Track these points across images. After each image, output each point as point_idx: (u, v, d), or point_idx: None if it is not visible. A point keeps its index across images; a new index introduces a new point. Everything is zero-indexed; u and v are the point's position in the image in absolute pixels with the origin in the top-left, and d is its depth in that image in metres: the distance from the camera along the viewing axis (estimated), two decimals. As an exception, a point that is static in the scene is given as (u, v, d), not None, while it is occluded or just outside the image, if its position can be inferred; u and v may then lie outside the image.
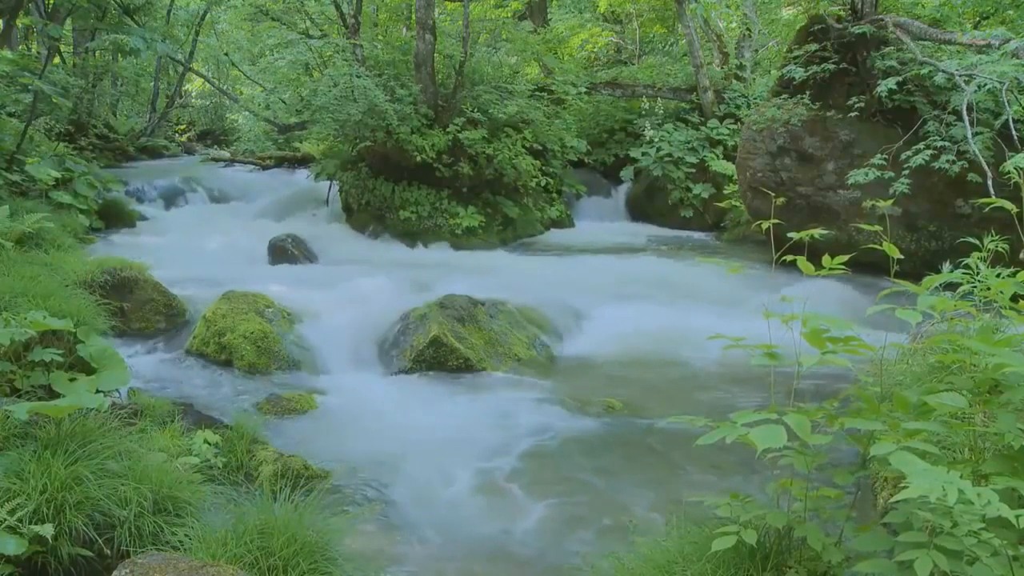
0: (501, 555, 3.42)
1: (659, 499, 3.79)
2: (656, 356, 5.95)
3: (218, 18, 17.54)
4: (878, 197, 3.72)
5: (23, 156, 8.33)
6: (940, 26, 8.77)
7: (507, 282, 7.55)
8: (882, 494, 3.33)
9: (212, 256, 8.94)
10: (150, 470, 2.99)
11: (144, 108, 18.50)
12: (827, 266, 2.59)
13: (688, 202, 12.07)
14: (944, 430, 2.32)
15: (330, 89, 10.10)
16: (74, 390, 3.67)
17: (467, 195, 10.69)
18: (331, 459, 4.13)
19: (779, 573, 2.33)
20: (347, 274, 7.83)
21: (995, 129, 7.53)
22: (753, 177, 9.11)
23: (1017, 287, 2.60)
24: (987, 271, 3.21)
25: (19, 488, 2.72)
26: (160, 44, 9.27)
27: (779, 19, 13.62)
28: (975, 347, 2.25)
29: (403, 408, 5.06)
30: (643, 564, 2.55)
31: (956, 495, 1.73)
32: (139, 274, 6.09)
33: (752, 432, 2.15)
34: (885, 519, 2.30)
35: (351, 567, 2.79)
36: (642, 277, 8.23)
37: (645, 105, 13.57)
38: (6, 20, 8.83)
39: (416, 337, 5.77)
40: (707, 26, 14.20)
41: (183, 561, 2.47)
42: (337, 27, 12.20)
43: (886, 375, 2.73)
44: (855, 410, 2.40)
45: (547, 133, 11.60)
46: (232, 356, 5.58)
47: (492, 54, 12.04)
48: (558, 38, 15.84)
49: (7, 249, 5.46)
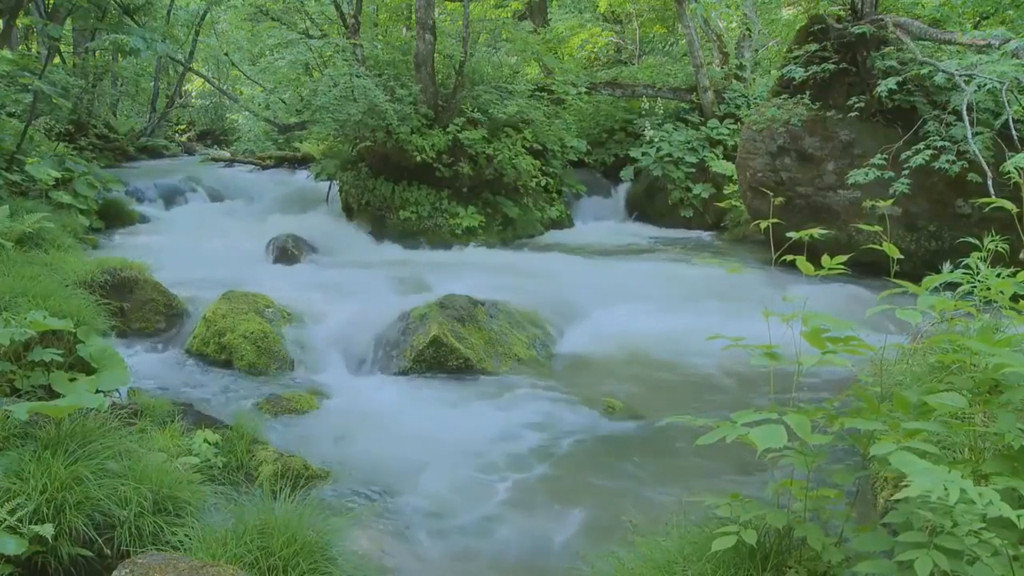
0: (500, 554, 3.42)
1: (659, 499, 3.79)
2: (656, 356, 5.95)
3: (218, 18, 17.56)
4: (878, 197, 3.72)
5: (23, 156, 8.33)
6: (940, 26, 8.77)
7: (507, 282, 7.55)
8: (882, 494, 3.32)
9: (212, 256, 8.93)
10: (150, 470, 2.99)
11: (144, 108, 18.51)
12: (827, 266, 2.59)
13: (688, 202, 12.07)
14: (944, 430, 2.32)
15: (330, 89, 10.10)
16: (74, 390, 3.66)
17: (467, 195, 10.69)
18: (331, 459, 4.13)
19: (779, 573, 2.33)
20: (347, 274, 7.84)
21: (995, 129, 7.54)
22: (753, 177, 9.11)
23: (1017, 287, 2.60)
24: (987, 271, 3.21)
25: (19, 488, 2.71)
26: (160, 44, 9.27)
27: (779, 19, 13.63)
28: (975, 347, 2.25)
29: (403, 408, 5.06)
30: (643, 564, 2.55)
31: (957, 494, 1.73)
32: (139, 274, 6.09)
33: (752, 432, 2.15)
34: (885, 519, 2.30)
35: (351, 567, 2.79)
36: (642, 277, 8.24)
37: (645, 105, 13.57)
38: (6, 20, 8.83)
39: (416, 337, 5.77)
40: (707, 26, 14.20)
41: (183, 561, 2.47)
42: (337, 27, 12.20)
43: (886, 375, 2.73)
44: (855, 410, 2.40)
45: (547, 133, 11.60)
46: (232, 356, 5.58)
47: (492, 54, 12.04)
48: (558, 38, 15.84)
49: (7, 249, 5.46)
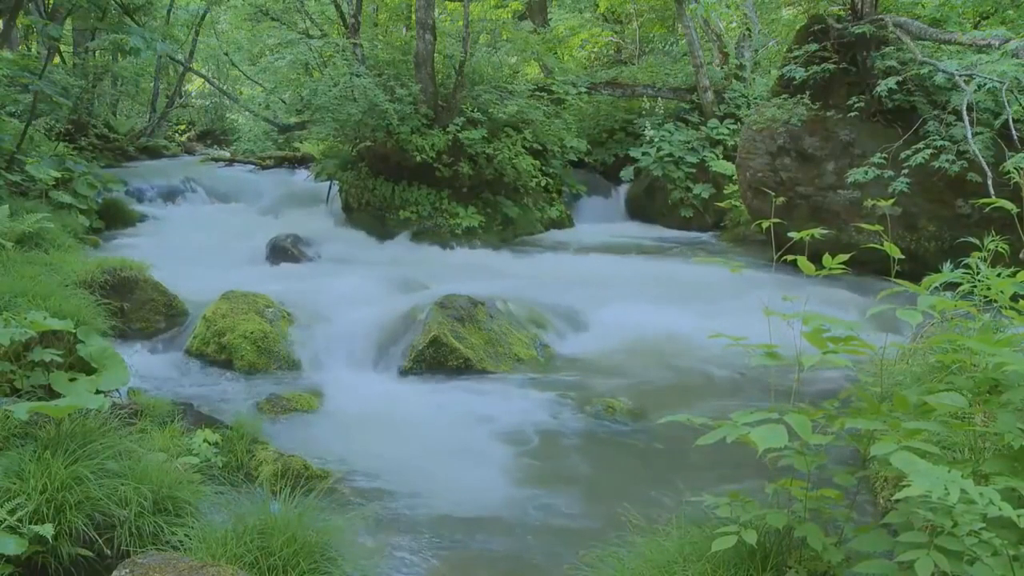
0: (501, 555, 3.42)
1: (659, 499, 3.79)
2: (656, 356, 5.95)
3: (218, 18, 17.56)
4: (878, 197, 3.72)
5: (23, 156, 8.33)
6: (940, 26, 8.77)
7: (507, 282, 7.55)
8: (882, 494, 3.33)
9: (212, 256, 8.93)
10: (150, 470, 2.99)
11: (144, 108, 18.50)
12: (827, 266, 2.59)
13: (688, 202, 12.06)
14: (944, 430, 2.32)
15: (330, 89, 10.11)
16: (74, 390, 3.67)
17: (467, 195, 10.68)
18: (331, 459, 4.13)
19: (779, 573, 2.33)
20: (347, 274, 7.84)
21: (995, 129, 7.53)
22: (753, 177, 9.10)
23: (1017, 287, 2.60)
24: (987, 271, 3.20)
25: (19, 488, 2.71)
26: (160, 44, 9.25)
27: (779, 19, 13.64)
28: (975, 347, 2.25)
29: (403, 408, 5.06)
30: (643, 564, 2.55)
31: (958, 494, 1.73)
32: (139, 274, 6.09)
33: (752, 432, 2.15)
34: (885, 519, 2.30)
35: (351, 567, 2.79)
36: (642, 277, 8.23)
37: (645, 105, 13.57)
38: (6, 20, 8.83)
39: (416, 337, 5.77)
40: (707, 26, 14.20)
41: (183, 561, 2.47)
42: (337, 27, 12.21)
43: (886, 375, 2.73)
44: (855, 410, 2.40)
45: (547, 133, 11.60)
46: (232, 356, 5.58)
47: (492, 54, 12.03)
48: (558, 38, 15.85)
49: (7, 249, 5.46)
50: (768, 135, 8.96)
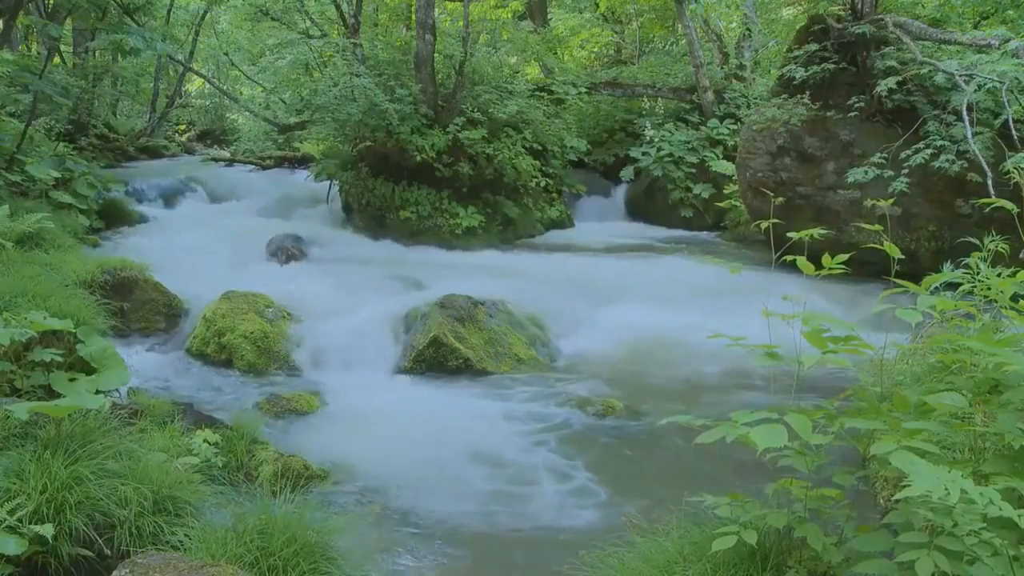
0: (501, 554, 3.42)
1: (659, 499, 3.79)
2: (656, 356, 5.95)
3: (218, 18, 17.56)
4: (878, 197, 3.71)
5: (23, 156, 8.33)
6: (940, 26, 8.77)
7: (507, 282, 7.54)
8: (882, 494, 3.33)
9: (212, 256, 8.92)
10: (150, 470, 2.99)
11: (144, 108, 18.50)
12: (827, 266, 2.58)
13: (688, 202, 12.06)
14: (944, 430, 2.32)
15: (330, 89, 10.11)
16: (74, 390, 3.66)
17: (467, 195, 10.68)
18: (331, 459, 4.13)
19: (779, 573, 2.33)
20: (347, 274, 7.83)
21: (995, 129, 7.53)
22: (753, 177, 9.10)
23: (1017, 287, 2.59)
24: (987, 271, 3.20)
25: (19, 488, 2.71)
26: (160, 44, 9.27)
27: (779, 19, 13.65)
28: (975, 347, 2.25)
29: (403, 408, 5.07)
30: (643, 564, 2.55)
31: (958, 494, 1.73)
32: (139, 274, 6.09)
33: (752, 432, 2.14)
34: (885, 519, 2.30)
35: (351, 567, 2.79)
36: (642, 277, 8.23)
37: (645, 105, 13.57)
38: (6, 20, 8.82)
39: (416, 337, 5.77)
40: (707, 26, 14.20)
41: (183, 561, 2.47)
42: (337, 27, 12.21)
43: (886, 375, 2.73)
44: (855, 410, 2.40)
45: (547, 133, 11.60)
46: (232, 356, 5.58)
47: (492, 54, 12.03)
48: (558, 38, 15.85)
49: (7, 249, 5.46)
50: (768, 135, 8.95)
